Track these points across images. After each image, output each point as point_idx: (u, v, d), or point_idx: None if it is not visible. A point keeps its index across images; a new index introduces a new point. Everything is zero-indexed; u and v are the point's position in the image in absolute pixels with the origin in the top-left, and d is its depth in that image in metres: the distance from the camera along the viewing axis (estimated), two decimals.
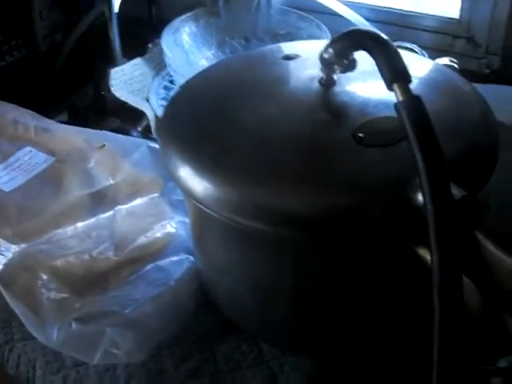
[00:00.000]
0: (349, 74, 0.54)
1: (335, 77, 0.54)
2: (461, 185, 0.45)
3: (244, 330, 0.61)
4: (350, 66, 0.53)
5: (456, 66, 0.91)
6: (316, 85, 0.54)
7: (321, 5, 1.08)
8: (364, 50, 0.48)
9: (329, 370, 0.58)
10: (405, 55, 0.64)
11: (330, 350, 0.58)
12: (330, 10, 1.07)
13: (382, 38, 0.47)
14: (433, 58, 0.93)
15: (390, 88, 0.45)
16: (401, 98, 0.44)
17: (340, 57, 0.52)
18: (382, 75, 0.46)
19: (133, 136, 0.88)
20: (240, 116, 0.53)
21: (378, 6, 1.12)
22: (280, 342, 0.59)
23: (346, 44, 0.51)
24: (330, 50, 0.52)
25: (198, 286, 0.63)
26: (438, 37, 1.07)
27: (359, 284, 0.52)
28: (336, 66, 0.53)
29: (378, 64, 0.46)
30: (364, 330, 0.56)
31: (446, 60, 0.92)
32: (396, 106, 0.44)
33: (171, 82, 0.99)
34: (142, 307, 0.59)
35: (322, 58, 0.53)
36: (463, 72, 0.94)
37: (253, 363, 0.59)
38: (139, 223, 0.69)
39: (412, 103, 0.44)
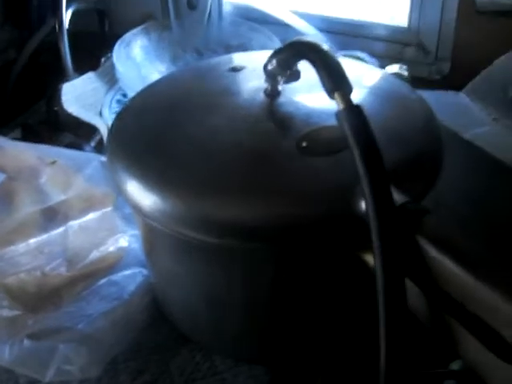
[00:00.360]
0: (294, 85, 0.55)
1: (280, 87, 0.55)
2: (406, 191, 0.46)
3: (197, 342, 0.61)
4: (294, 76, 0.54)
5: (406, 73, 0.93)
6: (261, 96, 0.55)
7: (272, 16, 1.09)
8: (306, 60, 0.49)
9: (283, 377, 0.58)
10: (351, 65, 0.66)
11: (284, 357, 0.59)
12: (282, 20, 1.08)
13: (323, 49, 0.48)
14: (384, 65, 0.95)
15: (331, 97, 0.46)
16: (341, 107, 0.45)
17: (283, 68, 0.53)
18: (323, 85, 0.46)
19: (86, 151, 0.88)
20: (186, 128, 0.53)
21: (329, 16, 1.13)
22: (233, 353, 0.60)
23: (289, 55, 0.52)
24: (274, 62, 0.53)
25: (152, 299, 0.63)
26: (388, 45, 1.08)
27: (310, 291, 0.53)
28: (280, 77, 0.54)
29: (319, 74, 0.47)
30: (316, 336, 0.57)
31: (396, 67, 0.93)
32: (337, 114, 0.45)
33: (124, 95, 0.99)
34: (95, 322, 0.58)
35: (266, 70, 0.54)
36: (414, 78, 0.95)
37: (207, 374, 0.59)
38: (92, 238, 0.69)
39: (352, 111, 0.44)
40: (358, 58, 0.94)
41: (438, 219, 0.44)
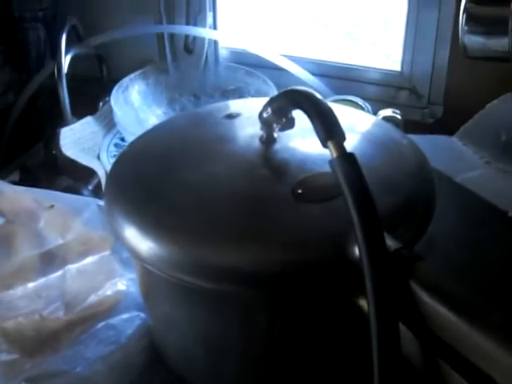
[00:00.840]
0: (289, 132, 0.56)
1: (275, 134, 0.56)
2: (398, 236, 0.46)
3: None
4: (289, 124, 0.55)
5: (399, 117, 0.94)
6: (257, 143, 0.56)
7: (268, 60, 1.11)
8: (300, 109, 0.50)
9: None
10: (343, 111, 0.67)
11: None
12: (277, 65, 1.10)
13: (315, 97, 0.49)
14: (377, 109, 0.96)
15: (324, 146, 0.47)
16: (335, 155, 0.46)
17: (278, 115, 0.54)
18: (317, 133, 0.47)
19: (84, 195, 0.89)
20: (182, 175, 0.54)
21: (323, 61, 1.15)
22: None
23: (283, 103, 0.53)
24: (269, 109, 0.54)
25: (149, 343, 0.63)
26: (381, 89, 1.10)
27: (306, 336, 0.53)
28: (275, 125, 0.55)
29: (312, 123, 0.48)
30: (315, 379, 0.57)
31: (389, 111, 0.95)
32: (331, 162, 0.46)
33: (122, 139, 1.01)
34: (93, 366, 0.58)
35: (261, 117, 0.55)
36: (407, 122, 0.97)
37: None
38: (90, 282, 0.69)
39: (345, 160, 0.45)
40: (351, 102, 0.96)
41: (431, 265, 0.45)
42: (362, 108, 0.95)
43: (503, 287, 0.63)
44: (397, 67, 1.10)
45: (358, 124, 0.63)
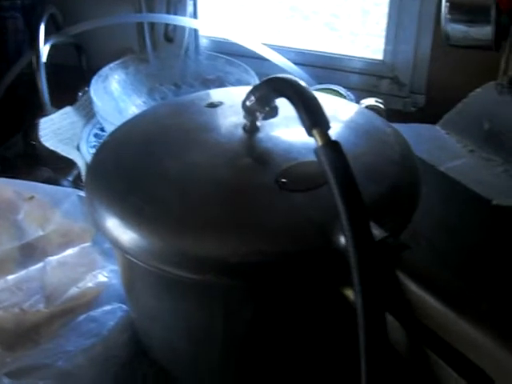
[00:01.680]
0: (272, 120, 0.55)
1: (259, 123, 0.55)
2: (383, 225, 0.46)
3: (178, 378, 0.61)
4: (272, 112, 0.54)
5: (382, 105, 0.94)
6: (240, 131, 0.55)
7: (249, 49, 1.10)
8: (284, 97, 0.49)
9: None
10: (329, 99, 0.67)
11: None
12: (258, 54, 1.09)
13: (300, 85, 0.49)
14: (360, 98, 0.96)
15: (309, 134, 0.46)
16: (320, 144, 0.45)
17: (262, 104, 0.53)
18: (302, 122, 0.47)
19: (64, 186, 0.88)
20: (164, 164, 0.53)
21: (305, 50, 1.14)
22: None
23: (267, 91, 0.52)
24: (252, 98, 0.53)
25: (132, 335, 0.62)
26: (364, 78, 1.10)
27: (290, 326, 0.52)
28: (258, 113, 0.54)
29: (297, 111, 0.47)
30: (297, 372, 0.57)
31: (371, 100, 0.95)
32: (315, 151, 0.45)
33: (102, 129, 1.00)
34: (74, 359, 0.58)
35: (244, 106, 0.54)
36: (390, 111, 0.97)
37: None
38: (71, 274, 0.68)
39: (330, 148, 0.45)
40: (334, 91, 0.95)
41: (418, 254, 0.44)
42: (344, 97, 0.95)
43: (487, 275, 0.63)
44: (377, 57, 1.10)
45: (341, 112, 0.62)
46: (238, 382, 0.59)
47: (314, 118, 0.46)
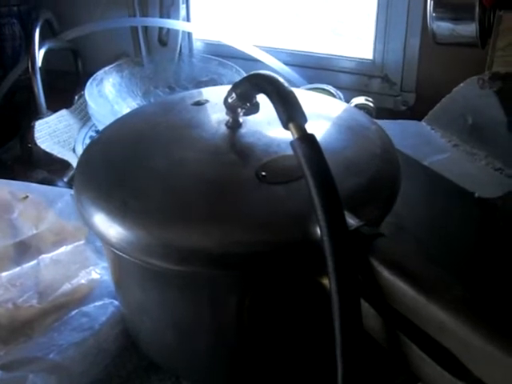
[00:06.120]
0: (254, 117, 0.57)
1: (241, 119, 0.57)
2: (363, 215, 0.47)
3: (167, 370, 0.62)
4: (254, 108, 0.56)
5: (371, 104, 0.95)
6: (223, 128, 0.57)
7: (241, 51, 1.11)
8: (262, 92, 0.51)
9: None
10: (313, 97, 0.68)
11: (252, 381, 0.60)
12: (250, 55, 1.11)
13: (278, 81, 0.50)
14: (350, 97, 0.97)
15: (286, 127, 0.48)
16: (295, 136, 0.47)
17: (243, 100, 0.55)
18: (279, 115, 0.48)
19: (59, 186, 0.89)
20: (149, 160, 0.55)
21: (296, 51, 1.16)
22: (202, 379, 0.61)
23: (247, 88, 0.54)
24: (233, 95, 0.55)
25: (123, 329, 0.63)
26: (354, 77, 1.11)
27: (274, 316, 0.54)
28: (240, 110, 0.56)
29: (274, 105, 0.49)
30: (285, 360, 0.58)
31: (361, 99, 0.96)
32: (292, 143, 0.47)
33: (97, 132, 1.01)
34: (66, 352, 0.59)
35: (226, 102, 0.56)
36: (380, 110, 0.98)
37: None
38: (64, 271, 0.70)
39: (305, 141, 0.46)
40: (324, 91, 0.97)
41: (391, 241, 0.45)
42: (333, 96, 0.96)
43: (470, 266, 0.65)
44: (367, 56, 1.11)
45: (325, 109, 0.64)
46: (228, 372, 0.60)
47: (289, 111, 0.48)
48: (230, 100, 0.55)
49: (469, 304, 0.40)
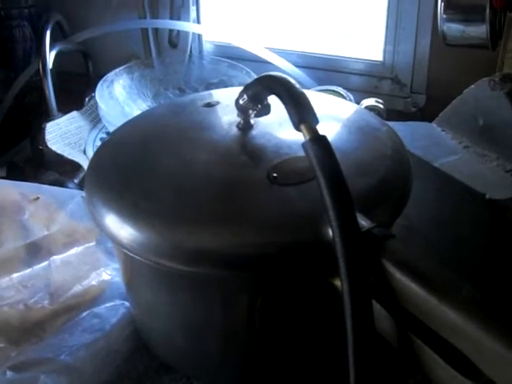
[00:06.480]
0: (265, 118, 0.57)
1: (252, 121, 0.57)
2: (374, 216, 0.47)
3: (178, 370, 0.62)
4: (265, 110, 0.56)
5: (381, 106, 0.95)
6: (234, 129, 0.57)
7: (251, 53, 1.11)
8: (273, 94, 0.51)
9: None
10: (324, 98, 0.68)
11: (263, 382, 0.60)
12: (260, 57, 1.11)
13: (289, 82, 0.50)
14: (360, 99, 0.97)
15: (297, 129, 0.48)
16: (307, 138, 0.47)
17: (254, 102, 0.55)
18: (290, 117, 0.48)
19: (69, 188, 0.89)
20: (161, 162, 0.55)
21: (307, 52, 1.16)
22: (213, 380, 0.61)
23: (259, 89, 0.54)
24: (245, 96, 0.55)
25: (133, 331, 0.64)
26: (364, 79, 1.11)
27: (285, 317, 0.54)
28: (251, 111, 0.56)
29: (285, 107, 0.49)
30: (295, 361, 0.58)
31: (372, 101, 0.96)
32: (303, 145, 0.47)
33: (108, 133, 1.02)
34: (77, 353, 0.59)
35: (237, 104, 0.56)
36: (390, 111, 0.98)
37: None
38: (75, 272, 0.70)
39: (317, 142, 0.46)
40: (334, 92, 0.97)
41: (406, 243, 0.45)
42: (344, 98, 0.96)
43: (479, 263, 0.64)
44: (377, 58, 1.11)
45: (337, 111, 0.64)
46: (239, 372, 0.60)
47: (301, 113, 0.48)
48: (241, 101, 0.55)
49: (481, 305, 0.40)
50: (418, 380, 0.58)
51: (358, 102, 0.96)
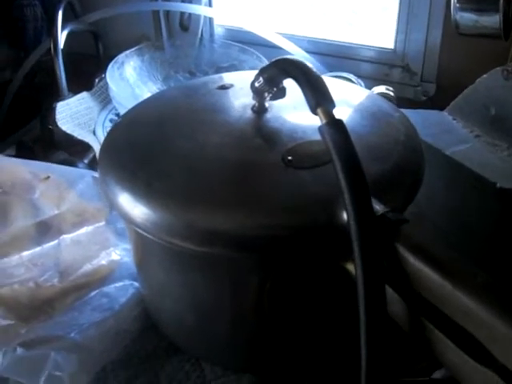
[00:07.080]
0: (280, 102, 0.57)
1: (267, 104, 0.57)
2: (387, 201, 0.47)
3: (187, 351, 0.62)
4: (280, 93, 0.56)
5: (392, 93, 0.95)
6: (249, 112, 0.57)
7: (262, 38, 1.11)
8: (290, 77, 0.51)
9: None
10: (338, 83, 0.68)
11: (272, 365, 0.60)
12: (271, 42, 1.11)
13: (306, 66, 0.50)
14: (371, 86, 0.97)
15: (314, 112, 0.48)
16: (324, 122, 0.47)
17: (270, 85, 0.55)
18: (307, 101, 0.48)
19: (79, 168, 0.90)
20: (174, 143, 0.55)
21: (318, 39, 1.15)
22: (221, 361, 0.61)
23: (274, 72, 0.54)
24: (260, 79, 0.55)
25: (142, 311, 0.64)
26: (375, 66, 1.11)
27: (296, 300, 0.54)
28: (266, 94, 0.56)
29: (302, 90, 0.49)
30: (304, 344, 0.58)
31: (382, 88, 0.95)
32: (320, 129, 0.47)
33: (117, 115, 1.02)
34: (86, 331, 0.59)
35: (253, 87, 0.56)
36: (400, 99, 0.98)
37: (196, 383, 0.60)
38: (84, 251, 0.70)
39: (334, 126, 0.46)
40: (345, 79, 0.97)
41: (420, 228, 0.45)
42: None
43: (488, 253, 0.64)
44: (388, 46, 1.11)
45: (349, 96, 0.64)
46: (247, 354, 0.60)
47: (318, 96, 0.48)
48: (257, 84, 0.55)
49: (495, 291, 0.40)
50: (426, 366, 0.58)
51: (368, 89, 0.96)
